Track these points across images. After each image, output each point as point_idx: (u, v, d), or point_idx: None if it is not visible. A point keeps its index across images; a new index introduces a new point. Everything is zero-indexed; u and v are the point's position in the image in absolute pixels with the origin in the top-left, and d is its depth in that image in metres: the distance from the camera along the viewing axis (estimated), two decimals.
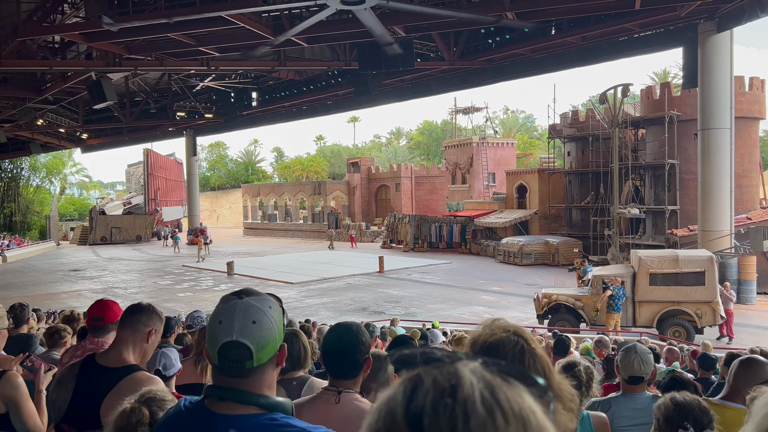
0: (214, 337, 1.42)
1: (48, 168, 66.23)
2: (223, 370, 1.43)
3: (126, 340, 2.37)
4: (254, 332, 1.41)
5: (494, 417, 0.54)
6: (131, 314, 2.43)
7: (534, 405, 0.58)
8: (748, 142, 26.95)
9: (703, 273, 15.03)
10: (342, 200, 55.28)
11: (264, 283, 25.84)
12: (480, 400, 0.55)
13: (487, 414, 0.54)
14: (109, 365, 2.30)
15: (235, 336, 1.40)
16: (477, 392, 0.56)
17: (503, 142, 48.97)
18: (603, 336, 9.62)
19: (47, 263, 37.30)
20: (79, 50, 23.17)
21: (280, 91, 33.05)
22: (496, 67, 26.08)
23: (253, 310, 1.43)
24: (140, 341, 2.40)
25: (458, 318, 18.04)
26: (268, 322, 1.44)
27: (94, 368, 2.30)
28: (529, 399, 0.58)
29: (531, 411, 0.57)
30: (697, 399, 2.25)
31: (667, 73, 60.42)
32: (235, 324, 1.40)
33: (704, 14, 20.38)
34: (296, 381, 2.90)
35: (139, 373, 2.29)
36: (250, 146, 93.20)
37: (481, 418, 0.54)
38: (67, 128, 38.58)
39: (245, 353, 1.40)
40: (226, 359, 1.41)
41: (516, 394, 0.58)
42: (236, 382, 1.42)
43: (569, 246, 31.48)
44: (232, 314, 1.42)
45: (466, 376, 0.58)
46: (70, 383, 2.27)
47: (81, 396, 2.24)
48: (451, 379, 0.57)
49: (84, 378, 2.28)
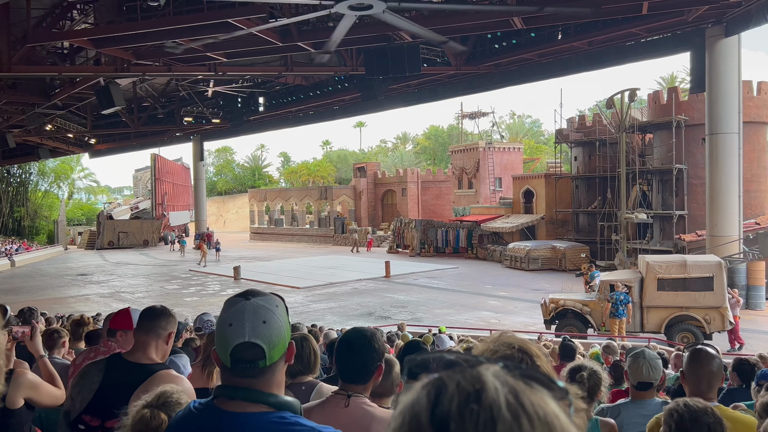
0: (225, 340, 1.43)
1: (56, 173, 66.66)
2: (236, 371, 1.44)
3: (149, 344, 2.45)
4: (265, 332, 1.42)
5: (520, 422, 0.54)
6: (151, 320, 2.49)
7: (557, 409, 0.58)
8: (757, 147, 26.82)
9: (712, 278, 14.93)
10: (348, 205, 55.32)
11: (270, 287, 25.85)
12: (506, 405, 0.55)
13: (513, 419, 0.54)
14: (138, 362, 2.38)
15: (247, 337, 1.41)
16: (502, 397, 0.56)
17: (510, 147, 48.90)
18: (611, 341, 9.58)
19: (55, 267, 37.49)
20: (88, 56, 23.31)
21: (286, 96, 33.17)
22: (503, 72, 26.06)
23: (261, 310, 1.44)
24: (161, 344, 2.50)
25: (465, 323, 18.00)
26: (277, 321, 1.46)
27: (123, 364, 2.37)
28: (552, 403, 0.59)
29: (555, 416, 0.57)
30: (710, 406, 2.23)
31: (674, 77, 60.27)
32: (246, 325, 1.41)
33: (711, 19, 20.32)
34: (305, 386, 2.90)
35: (169, 370, 2.39)
36: (257, 151, 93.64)
37: (507, 423, 0.54)
38: (76, 133, 38.82)
39: (258, 353, 1.42)
40: (239, 361, 1.42)
41: (539, 399, 0.58)
42: (249, 382, 1.44)
43: (576, 251, 31.36)
44: (242, 316, 1.43)
45: (490, 380, 0.58)
46: (96, 377, 2.33)
47: (108, 389, 2.28)
48: (476, 384, 0.57)
49: (112, 372, 2.34)
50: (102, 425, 2.25)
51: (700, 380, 2.83)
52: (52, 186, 67.27)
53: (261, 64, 25.43)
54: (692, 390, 2.80)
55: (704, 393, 2.75)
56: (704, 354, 2.89)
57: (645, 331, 15.38)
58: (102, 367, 2.36)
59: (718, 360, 2.92)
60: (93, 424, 2.26)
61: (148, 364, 2.36)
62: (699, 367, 2.84)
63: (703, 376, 2.83)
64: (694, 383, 2.84)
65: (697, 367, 2.84)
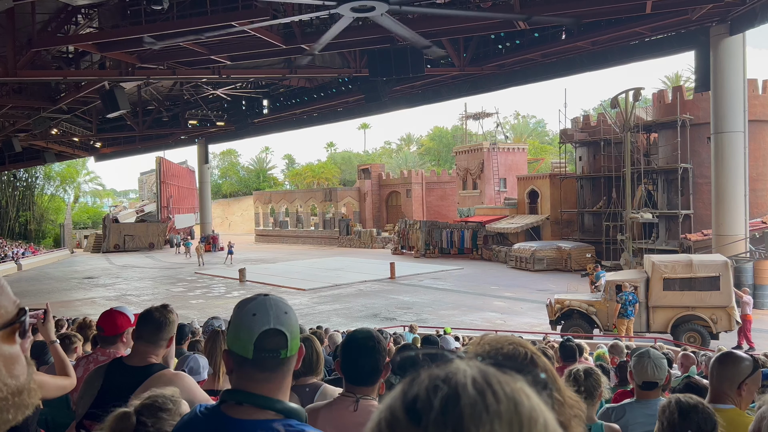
0: (249, 330, 1.45)
1: (62, 177, 66.92)
2: (258, 362, 1.45)
3: (149, 353, 2.44)
4: (287, 321, 1.48)
5: (485, 397, 0.55)
6: (153, 333, 2.45)
7: (530, 390, 0.59)
8: (762, 146, 26.70)
9: (718, 278, 14.86)
10: (353, 206, 55.35)
11: (276, 289, 25.89)
12: (471, 383, 0.57)
13: (477, 394, 0.56)
14: (137, 365, 2.39)
15: (273, 324, 1.45)
16: (470, 377, 0.57)
17: (514, 148, 48.83)
18: (617, 341, 9.54)
19: (61, 271, 37.64)
20: (93, 60, 23.42)
21: (290, 98, 33.24)
22: (507, 73, 26.04)
23: (282, 303, 1.51)
24: (162, 349, 2.50)
25: (470, 324, 17.97)
26: (294, 315, 1.52)
27: (122, 368, 2.39)
28: (525, 385, 0.59)
29: (525, 394, 0.58)
30: (702, 402, 2.22)
31: (679, 77, 60.04)
32: (270, 313, 1.46)
33: (716, 17, 20.25)
34: (309, 387, 2.90)
35: (166, 371, 2.38)
36: (262, 153, 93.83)
37: (472, 398, 0.55)
38: (81, 137, 38.96)
39: (282, 342, 1.46)
40: (262, 350, 1.44)
41: (510, 380, 0.59)
42: (268, 376, 1.45)
43: (582, 251, 31.28)
44: (265, 306, 1.48)
45: (462, 366, 0.59)
46: (97, 382, 2.36)
47: (108, 393, 2.30)
48: (447, 369, 0.59)
49: (112, 376, 2.36)
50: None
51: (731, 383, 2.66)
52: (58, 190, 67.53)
53: (265, 66, 25.49)
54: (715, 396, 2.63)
55: (728, 395, 2.66)
56: (735, 356, 2.78)
57: (651, 331, 15.31)
58: (102, 373, 2.38)
59: (748, 362, 2.82)
60: (93, 429, 2.26)
61: (147, 366, 2.36)
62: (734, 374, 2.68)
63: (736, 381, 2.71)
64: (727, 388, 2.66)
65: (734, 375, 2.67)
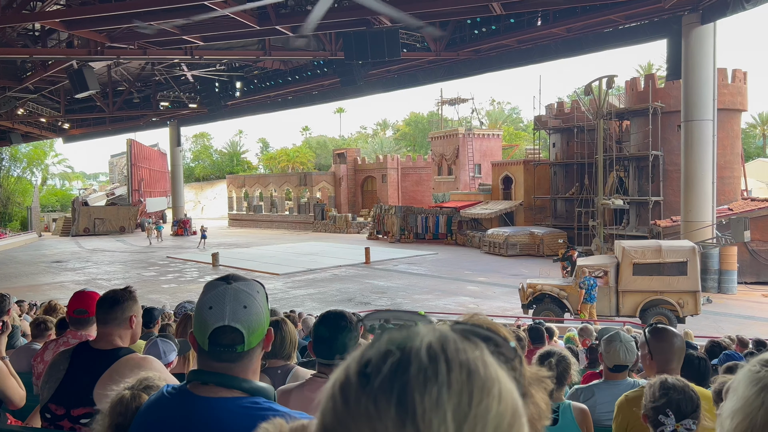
0: (204, 323, 1.42)
1: (29, 158, 65.10)
2: (214, 355, 1.43)
3: (111, 333, 2.39)
4: (245, 317, 1.42)
5: (437, 364, 0.52)
6: (106, 311, 2.41)
7: (490, 359, 0.56)
8: (731, 134, 27.24)
9: (686, 263, 15.20)
10: (328, 191, 55.13)
11: (249, 274, 25.68)
12: (426, 349, 0.54)
13: (429, 360, 0.53)
14: (103, 349, 2.34)
15: (227, 321, 1.41)
16: (425, 343, 0.54)
17: (489, 134, 49.06)
18: (587, 325, 9.71)
19: (29, 255, 36.85)
20: (60, 38, 22.79)
21: (265, 81, 32.82)
22: (483, 58, 26.06)
23: (243, 295, 1.44)
24: (124, 331, 2.44)
25: (444, 308, 18.11)
26: (257, 307, 1.45)
27: (88, 351, 2.34)
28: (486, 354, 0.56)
29: (483, 362, 0.55)
30: (686, 384, 2.24)
31: (651, 65, 60.82)
32: (226, 309, 1.41)
33: (688, 6, 20.49)
34: (281, 370, 2.89)
35: (134, 354, 2.33)
36: (235, 137, 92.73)
37: (422, 364, 0.52)
38: (49, 118, 38.02)
39: (237, 338, 1.42)
40: (217, 344, 1.42)
41: (470, 347, 0.55)
42: (225, 366, 1.43)
43: (554, 237, 31.69)
44: (223, 299, 1.42)
45: (422, 331, 0.56)
46: (62, 365, 2.31)
47: (73, 377, 2.26)
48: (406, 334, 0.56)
49: (77, 360, 2.31)
50: (67, 413, 2.22)
51: (670, 358, 2.84)
52: (25, 172, 65.69)
53: (238, 48, 25.10)
54: (661, 368, 2.76)
55: (674, 370, 2.76)
56: (669, 332, 2.90)
57: (620, 315, 15.63)
58: (68, 356, 2.33)
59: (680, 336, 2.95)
60: (58, 412, 2.23)
61: (112, 350, 2.32)
62: (668, 344, 2.84)
63: (673, 353, 2.84)
64: (663, 361, 2.81)
65: (667, 346, 2.85)
